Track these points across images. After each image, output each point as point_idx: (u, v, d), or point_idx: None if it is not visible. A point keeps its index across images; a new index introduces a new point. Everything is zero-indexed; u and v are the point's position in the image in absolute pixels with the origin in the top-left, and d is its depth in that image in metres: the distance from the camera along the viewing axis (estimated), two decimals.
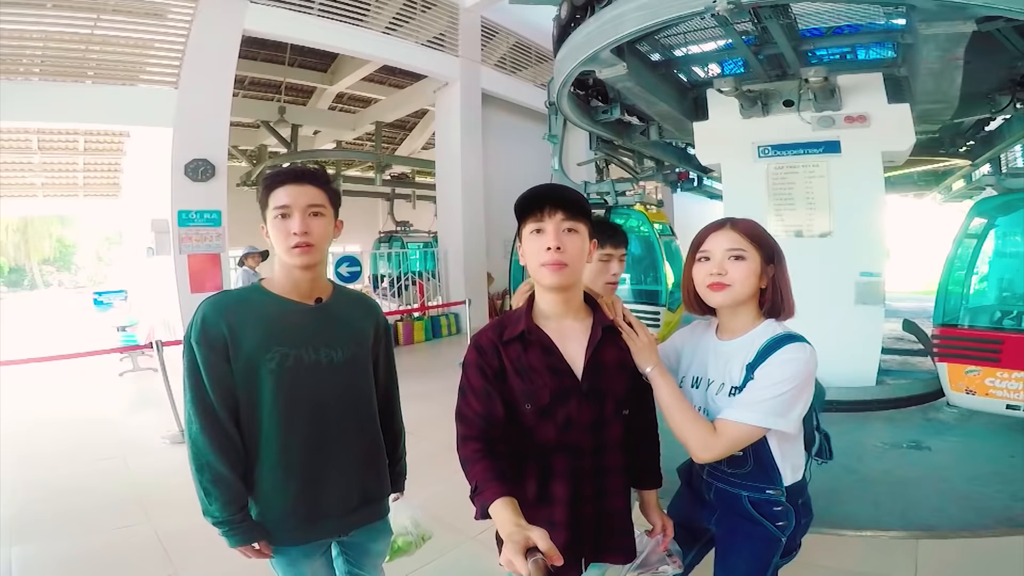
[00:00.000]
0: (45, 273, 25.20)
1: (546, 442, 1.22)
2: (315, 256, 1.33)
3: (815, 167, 4.23)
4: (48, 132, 8.60)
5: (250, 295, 1.37)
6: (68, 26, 5.22)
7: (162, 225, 6.05)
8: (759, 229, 1.29)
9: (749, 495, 1.30)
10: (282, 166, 1.44)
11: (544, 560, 0.91)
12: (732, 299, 1.26)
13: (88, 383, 6.43)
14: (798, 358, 1.17)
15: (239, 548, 1.36)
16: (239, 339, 1.28)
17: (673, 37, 4.29)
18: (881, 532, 2.55)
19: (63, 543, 2.77)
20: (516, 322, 1.24)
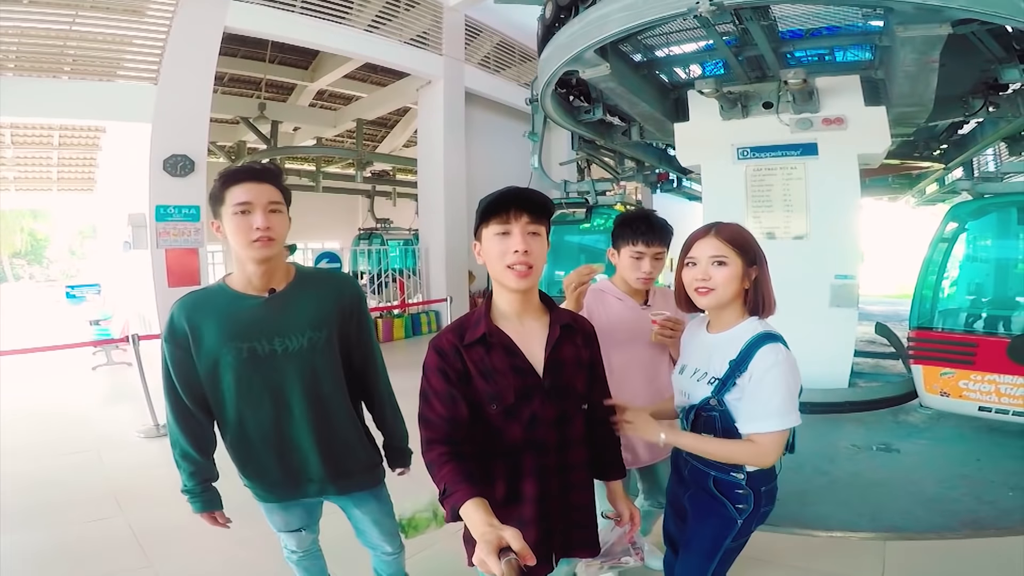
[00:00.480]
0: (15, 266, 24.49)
1: (513, 441, 1.24)
2: (274, 249, 1.40)
3: (793, 169, 4.29)
4: (21, 127, 8.36)
5: (212, 293, 1.47)
6: (45, 22, 5.12)
7: (139, 219, 5.99)
8: (742, 234, 1.38)
9: (715, 475, 1.40)
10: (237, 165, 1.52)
11: (517, 560, 0.91)
12: (716, 302, 1.37)
13: (60, 377, 6.35)
14: (778, 361, 1.28)
15: (200, 514, 1.56)
16: (200, 336, 1.41)
17: (655, 38, 4.31)
18: (850, 533, 2.60)
19: (37, 535, 2.78)
20: (476, 325, 1.25)
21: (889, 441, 3.73)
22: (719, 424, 1.35)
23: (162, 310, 5.83)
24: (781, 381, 1.28)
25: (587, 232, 6.07)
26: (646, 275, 1.81)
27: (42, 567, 2.51)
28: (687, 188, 8.92)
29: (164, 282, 5.88)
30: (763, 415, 1.29)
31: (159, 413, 4.35)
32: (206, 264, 6.30)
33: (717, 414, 1.35)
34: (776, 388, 1.28)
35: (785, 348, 1.31)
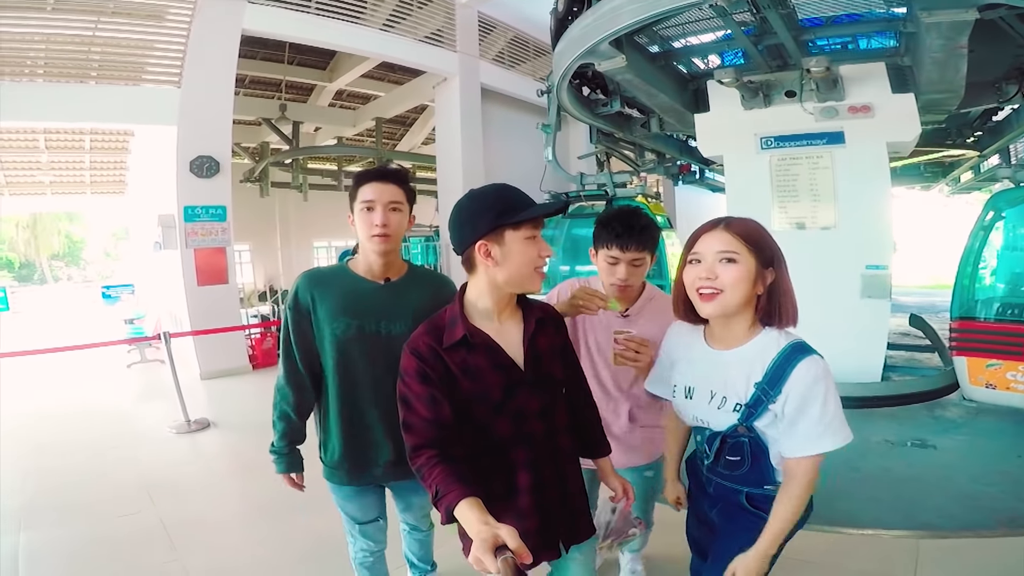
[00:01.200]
0: (55, 268, 25.46)
1: (503, 436, 1.25)
2: (390, 244, 1.56)
3: (819, 158, 4.17)
4: (55, 132, 8.68)
5: (336, 272, 1.65)
6: (69, 28, 5.26)
7: (168, 220, 6.16)
8: (757, 230, 1.19)
9: (748, 491, 1.28)
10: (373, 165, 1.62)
11: (513, 558, 0.91)
12: (722, 308, 1.18)
13: (97, 374, 6.61)
14: (819, 376, 1.14)
15: (281, 475, 1.67)
16: (317, 307, 1.57)
17: (671, 28, 4.23)
18: (883, 531, 2.52)
19: (69, 530, 2.85)
20: (453, 326, 1.25)
21: (924, 436, 3.60)
22: (748, 449, 1.23)
23: (192, 308, 6.00)
24: (830, 396, 1.14)
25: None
26: (620, 282, 1.66)
27: (76, 560, 2.58)
28: (710, 179, 8.76)
29: (194, 281, 6.01)
30: (815, 435, 1.15)
31: (190, 410, 4.50)
32: (233, 263, 6.41)
33: (746, 440, 1.22)
34: (827, 404, 1.14)
35: (821, 358, 1.16)
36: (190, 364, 6.00)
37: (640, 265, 1.67)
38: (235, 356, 6.32)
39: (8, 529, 2.85)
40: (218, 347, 6.07)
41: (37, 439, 4.33)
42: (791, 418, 1.15)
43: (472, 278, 1.27)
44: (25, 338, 9.46)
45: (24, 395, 5.76)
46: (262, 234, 12.49)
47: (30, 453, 3.99)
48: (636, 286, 1.74)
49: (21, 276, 23.99)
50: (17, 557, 2.60)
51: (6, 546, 2.70)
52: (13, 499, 3.22)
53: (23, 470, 3.65)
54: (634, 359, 1.54)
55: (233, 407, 5.05)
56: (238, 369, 6.30)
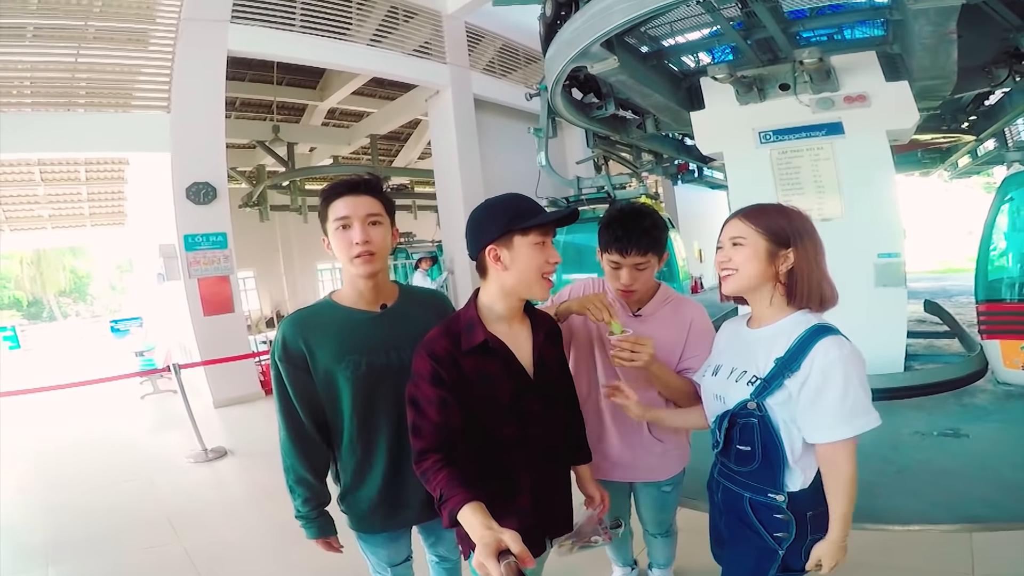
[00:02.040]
0: (62, 305, 25.59)
1: (509, 439, 1.29)
2: (377, 264, 1.40)
3: (820, 149, 4.13)
4: (49, 164, 8.70)
5: (322, 310, 1.46)
6: (53, 56, 5.23)
7: (169, 250, 6.09)
8: (770, 214, 1.24)
9: (751, 496, 1.26)
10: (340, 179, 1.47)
11: (516, 562, 0.92)
12: (736, 286, 1.26)
13: (112, 407, 6.60)
14: (843, 356, 1.13)
15: (315, 540, 1.51)
16: (315, 352, 1.39)
17: (660, 27, 4.22)
18: (930, 526, 2.43)
19: (97, 564, 2.84)
20: (471, 331, 1.26)
21: (956, 426, 3.51)
22: (758, 434, 1.20)
23: (200, 339, 5.94)
24: (854, 376, 1.12)
25: None
26: (624, 287, 1.59)
27: None
28: (709, 177, 8.73)
29: (200, 311, 5.94)
30: (837, 420, 1.13)
31: (206, 438, 4.48)
32: (238, 291, 6.35)
33: (755, 420, 1.20)
34: (849, 385, 1.12)
35: (848, 340, 1.16)
36: (202, 393, 5.98)
37: (644, 269, 1.58)
38: (246, 383, 6.26)
39: (37, 564, 2.85)
40: (229, 375, 6.02)
41: (58, 473, 4.35)
42: (810, 398, 1.14)
43: (484, 283, 1.30)
44: (38, 375, 9.55)
45: (42, 430, 5.78)
46: (265, 259, 12.52)
47: (52, 488, 4.01)
48: (643, 290, 1.64)
49: (30, 314, 24.10)
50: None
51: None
52: (39, 534, 3.23)
53: (46, 505, 3.67)
54: (630, 358, 1.45)
55: (248, 434, 5.04)
56: (250, 396, 6.25)
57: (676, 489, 1.86)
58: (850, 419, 1.13)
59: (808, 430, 1.17)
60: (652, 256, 1.57)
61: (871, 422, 1.14)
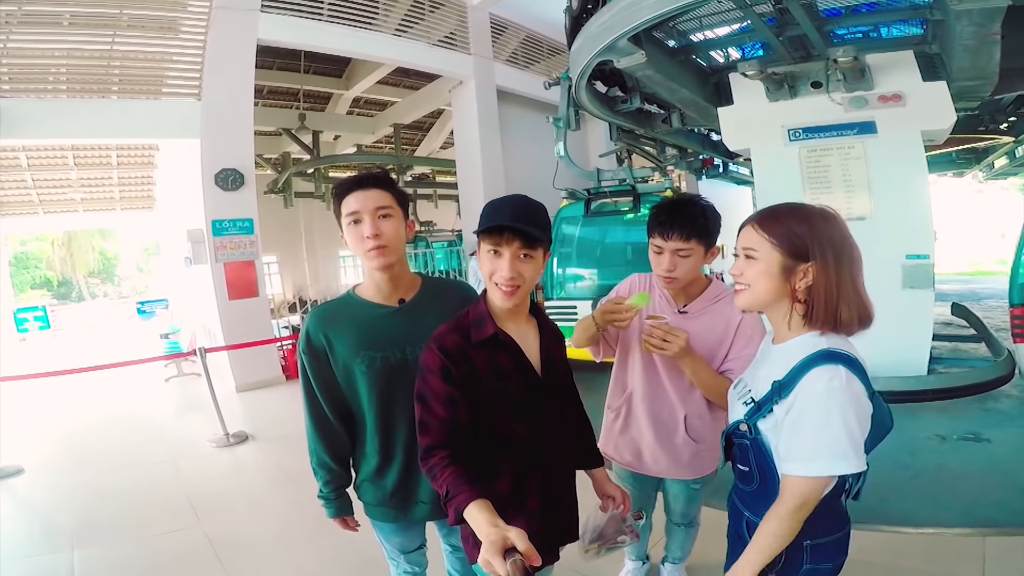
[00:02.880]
0: (91, 285, 26.29)
1: (519, 437, 1.28)
2: (390, 257, 1.39)
3: (851, 148, 4.05)
4: (82, 148, 8.90)
5: (343, 304, 1.50)
6: (88, 43, 5.34)
7: (197, 235, 6.21)
8: (786, 222, 1.09)
9: (748, 516, 1.20)
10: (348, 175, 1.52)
11: (522, 560, 0.92)
12: (748, 303, 1.15)
13: (136, 389, 6.74)
14: (832, 389, 1.01)
15: (333, 519, 1.60)
16: (334, 346, 1.42)
17: (689, 22, 4.15)
18: (943, 529, 2.43)
19: (120, 548, 2.88)
20: (481, 325, 1.26)
21: (977, 430, 3.47)
22: (752, 456, 1.13)
23: (226, 322, 6.06)
24: (836, 413, 1.00)
25: (634, 225, 5.47)
26: (666, 273, 1.57)
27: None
28: (734, 172, 8.60)
29: (225, 295, 6.06)
30: (807, 454, 1.02)
31: (229, 423, 4.54)
32: (263, 275, 6.46)
33: (748, 443, 1.14)
34: (828, 421, 1.00)
35: (848, 372, 1.02)
36: (225, 377, 6.08)
37: (687, 256, 1.54)
38: (269, 368, 6.38)
39: (62, 546, 2.90)
40: (252, 359, 6.13)
41: (84, 454, 4.43)
42: (788, 427, 1.06)
43: None
44: (67, 356, 9.74)
45: (69, 411, 5.90)
46: (288, 245, 12.71)
47: (77, 469, 4.08)
48: (685, 279, 1.59)
49: (60, 294, 24.80)
50: (73, 573, 2.65)
51: (62, 563, 2.74)
52: (63, 515, 3.28)
53: (70, 486, 3.73)
54: (660, 346, 1.48)
55: (270, 419, 5.09)
56: (272, 380, 6.35)
57: (705, 486, 1.88)
58: (818, 457, 1.02)
59: (780, 457, 1.09)
60: (696, 243, 1.53)
61: (846, 467, 1.01)
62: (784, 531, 1.06)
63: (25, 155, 8.81)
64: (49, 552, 2.85)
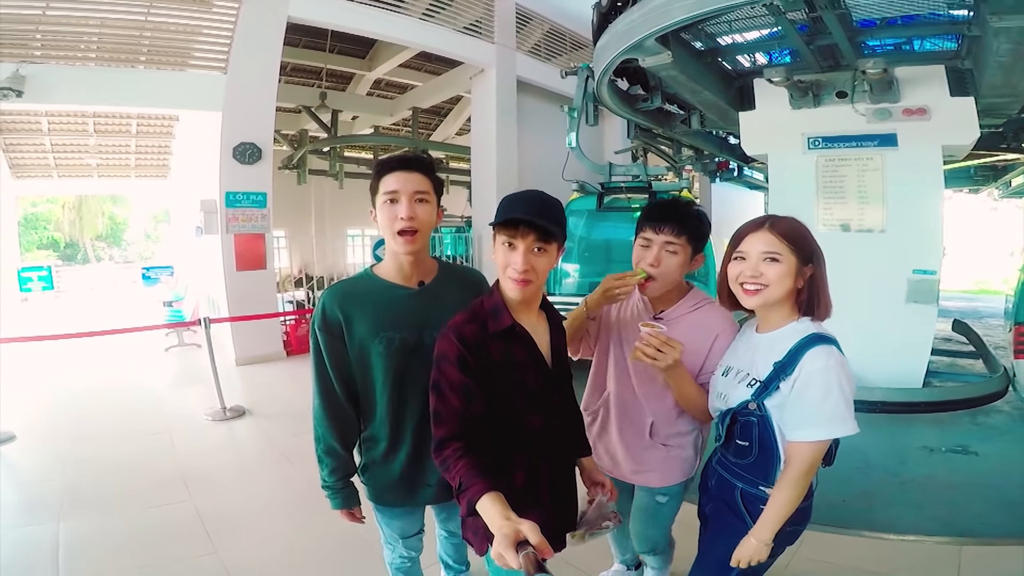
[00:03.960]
0: (97, 248, 26.40)
1: (533, 428, 1.30)
2: (419, 242, 1.42)
3: (869, 160, 4.07)
4: (103, 116, 8.95)
5: (362, 282, 1.49)
6: (124, 13, 5.37)
7: (211, 205, 6.26)
8: (798, 230, 1.29)
9: (743, 487, 1.34)
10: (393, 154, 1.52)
11: (535, 553, 0.92)
12: (764, 301, 1.29)
13: (136, 356, 6.69)
14: (830, 365, 1.20)
15: (339, 511, 1.55)
16: (352, 324, 1.41)
17: (718, 25, 4.16)
18: (924, 537, 2.51)
19: (107, 520, 2.83)
20: (497, 315, 1.28)
21: (966, 443, 3.56)
22: (756, 431, 1.28)
23: (231, 293, 6.10)
24: (835, 385, 1.19)
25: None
26: (650, 267, 1.52)
27: (113, 553, 2.55)
28: (748, 177, 8.61)
29: (233, 266, 6.10)
30: (813, 421, 1.20)
31: (227, 397, 4.50)
32: (272, 249, 6.51)
33: (755, 420, 1.27)
34: (829, 392, 1.19)
35: (839, 351, 1.23)
36: (225, 349, 6.05)
37: (675, 252, 1.51)
38: (270, 342, 6.41)
39: (49, 517, 2.84)
40: (254, 333, 6.17)
41: (76, 423, 4.35)
42: (793, 399, 1.22)
43: None
44: (69, 319, 9.66)
45: (64, 376, 5.83)
46: (297, 221, 12.73)
47: (69, 437, 3.99)
48: (667, 279, 1.54)
49: (65, 256, 24.92)
50: (57, 547, 2.59)
51: (47, 534, 2.69)
52: (52, 485, 3.22)
53: (61, 456, 3.65)
54: (653, 356, 1.39)
55: (268, 395, 5.05)
56: (272, 355, 6.37)
57: (672, 502, 1.75)
58: (824, 423, 1.20)
59: (787, 428, 1.24)
60: (686, 242, 1.52)
61: (846, 430, 1.19)
62: (797, 492, 1.24)
63: (47, 120, 8.87)
64: (35, 523, 2.80)
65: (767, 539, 1.25)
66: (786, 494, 1.24)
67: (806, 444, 1.22)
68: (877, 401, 3.76)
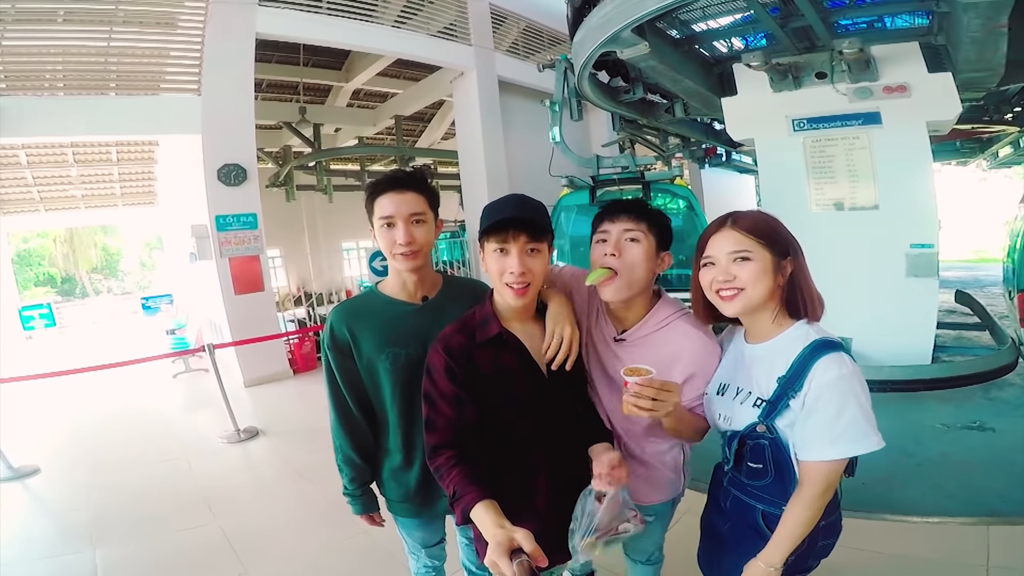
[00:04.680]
0: (94, 281, 26.34)
1: (526, 437, 1.27)
2: (420, 261, 1.42)
3: (855, 139, 4.04)
4: (82, 145, 8.88)
5: (367, 299, 1.52)
6: (84, 40, 5.29)
7: (202, 231, 6.19)
8: (766, 222, 1.17)
9: (763, 508, 1.21)
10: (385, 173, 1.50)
11: (529, 561, 0.92)
12: (746, 305, 1.16)
13: (144, 386, 6.75)
14: (843, 375, 1.08)
15: (359, 516, 1.60)
16: (359, 342, 1.44)
17: (691, 12, 4.11)
18: (948, 518, 2.45)
19: (139, 546, 2.91)
20: (485, 325, 1.27)
21: (982, 419, 3.47)
22: (769, 454, 1.16)
23: (232, 317, 6.07)
24: (850, 397, 1.06)
25: None
26: (609, 255, 1.32)
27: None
28: (737, 161, 8.57)
29: (231, 290, 6.07)
30: (828, 439, 1.07)
31: (239, 418, 4.56)
32: (267, 269, 6.48)
33: (767, 442, 1.16)
34: (844, 406, 1.06)
35: (850, 359, 1.10)
36: (233, 372, 6.10)
37: (637, 240, 1.31)
38: (276, 362, 6.40)
39: (83, 545, 2.92)
40: (259, 354, 6.14)
41: (96, 453, 4.42)
42: (804, 416, 1.10)
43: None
44: (74, 354, 9.70)
45: (78, 409, 5.91)
46: (291, 238, 12.69)
47: (91, 467, 4.08)
48: (633, 276, 1.32)
49: (63, 291, 24.83)
50: (96, 573, 2.66)
51: (84, 562, 2.76)
52: (81, 514, 3.30)
53: (85, 485, 3.74)
54: (651, 407, 1.15)
55: (279, 414, 5.11)
56: (279, 375, 6.38)
57: (660, 521, 1.61)
58: (840, 441, 1.07)
59: (799, 447, 1.12)
60: (646, 228, 1.32)
61: (868, 446, 1.07)
62: (811, 515, 1.11)
63: (24, 153, 8.81)
64: (72, 552, 2.88)
65: (777, 563, 1.13)
66: (800, 516, 1.11)
67: (821, 464, 1.09)
68: (886, 380, 3.69)
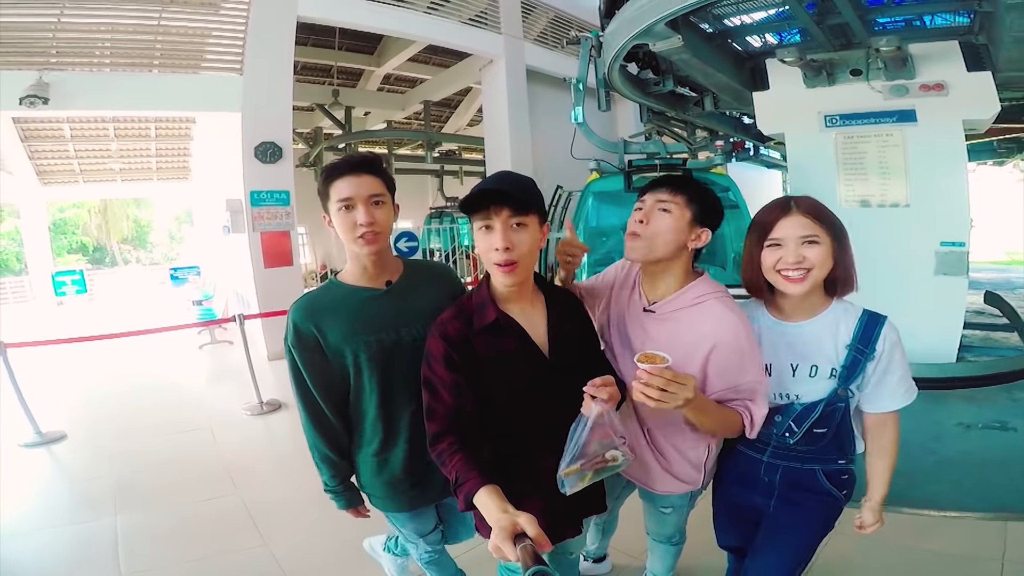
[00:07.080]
0: (124, 251, 27.04)
1: (527, 421, 1.27)
2: (382, 243, 1.40)
3: (888, 136, 3.99)
4: (123, 120, 9.14)
5: (329, 291, 1.47)
6: (135, 18, 5.47)
7: (236, 205, 6.39)
8: (825, 209, 1.29)
9: (822, 468, 1.38)
10: (339, 158, 1.49)
11: (533, 545, 0.92)
12: (813, 285, 1.27)
13: (170, 355, 6.87)
14: (898, 340, 1.30)
15: (345, 510, 1.61)
16: (326, 335, 1.39)
17: (726, 7, 4.10)
18: (965, 513, 2.50)
19: (159, 514, 2.94)
20: (482, 310, 1.25)
21: (1004, 419, 3.47)
22: (839, 416, 1.32)
23: (261, 289, 6.23)
24: (904, 356, 1.31)
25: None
26: (638, 221, 1.34)
27: (168, 545, 2.65)
28: (765, 156, 8.49)
29: (261, 263, 6.24)
30: (898, 392, 1.32)
31: (264, 391, 4.62)
32: (297, 245, 6.64)
33: (844, 405, 1.31)
34: (904, 364, 1.31)
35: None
36: (257, 344, 6.18)
37: (668, 211, 1.30)
38: None
39: (104, 512, 2.96)
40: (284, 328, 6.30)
41: (121, 421, 4.48)
42: (879, 376, 1.29)
43: None
44: (104, 321, 9.87)
45: (105, 377, 6.01)
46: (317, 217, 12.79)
47: (115, 435, 4.13)
48: (655, 243, 1.32)
49: (94, 259, 25.53)
50: (116, 541, 2.69)
51: (105, 528, 2.80)
52: (103, 482, 3.34)
53: (108, 453, 3.78)
54: (658, 397, 1.08)
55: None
56: None
57: (678, 512, 1.63)
58: (906, 392, 1.32)
59: (872, 401, 1.33)
60: (683, 201, 1.31)
61: (915, 393, 1.33)
62: (895, 453, 1.38)
63: (68, 126, 9.10)
64: (93, 518, 2.92)
65: (881, 499, 1.40)
66: (891, 460, 1.38)
67: (894, 413, 1.35)
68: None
